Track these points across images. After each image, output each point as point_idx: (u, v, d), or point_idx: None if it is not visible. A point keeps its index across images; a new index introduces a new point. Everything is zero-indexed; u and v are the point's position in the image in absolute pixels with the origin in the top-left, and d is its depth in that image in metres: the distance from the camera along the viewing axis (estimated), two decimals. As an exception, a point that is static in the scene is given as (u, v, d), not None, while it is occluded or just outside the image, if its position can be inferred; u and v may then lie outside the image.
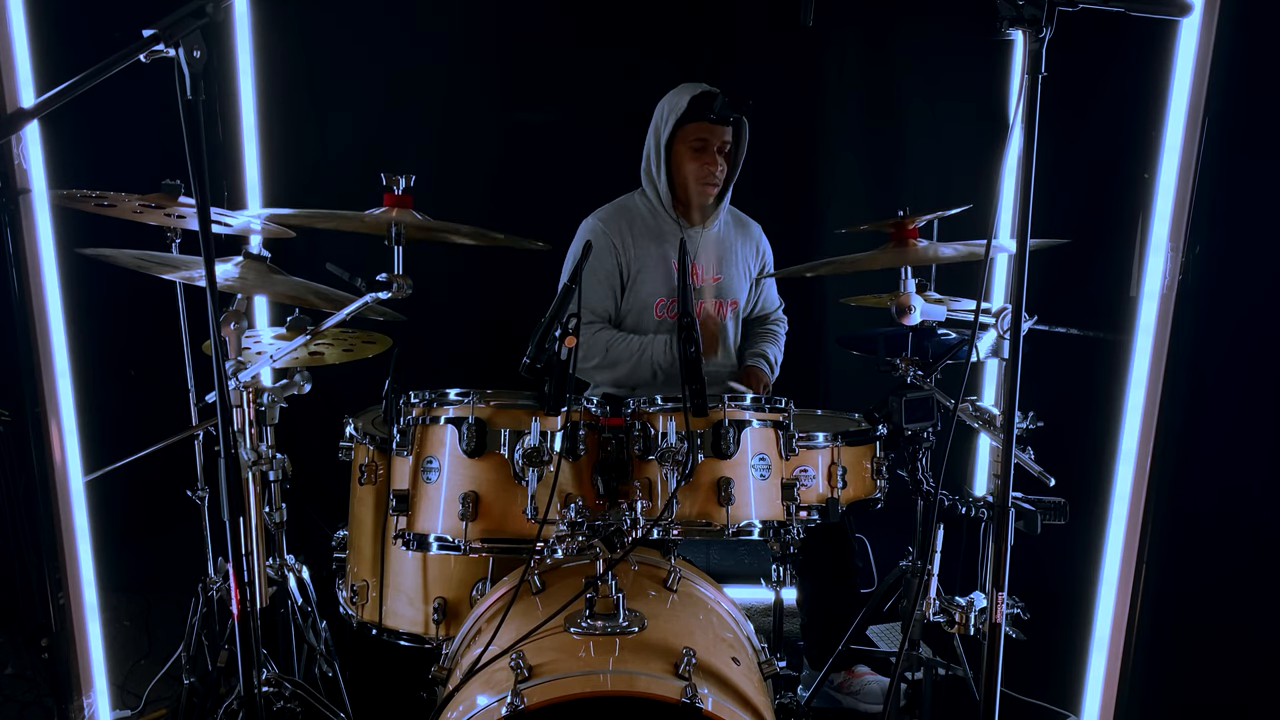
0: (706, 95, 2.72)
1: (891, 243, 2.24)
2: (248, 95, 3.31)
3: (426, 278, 2.04)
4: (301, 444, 2.40)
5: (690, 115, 2.74)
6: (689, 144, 2.77)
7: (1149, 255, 2.20)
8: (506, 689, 1.53)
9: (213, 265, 1.50)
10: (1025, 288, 1.58)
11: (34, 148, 2.13)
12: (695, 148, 2.77)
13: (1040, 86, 1.50)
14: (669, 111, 2.78)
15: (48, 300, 2.18)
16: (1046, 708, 2.59)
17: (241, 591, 1.68)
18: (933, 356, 2.26)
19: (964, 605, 2.11)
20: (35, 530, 2.27)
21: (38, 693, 2.64)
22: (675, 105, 2.76)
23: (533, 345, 1.86)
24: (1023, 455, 2.03)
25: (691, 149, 2.78)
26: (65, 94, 1.33)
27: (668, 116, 2.78)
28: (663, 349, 2.77)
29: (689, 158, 2.79)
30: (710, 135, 2.76)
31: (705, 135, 2.76)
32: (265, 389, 2.13)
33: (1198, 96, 2.09)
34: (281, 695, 2.22)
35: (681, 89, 2.78)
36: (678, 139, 2.78)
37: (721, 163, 2.80)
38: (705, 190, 2.82)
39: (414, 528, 2.05)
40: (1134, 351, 2.25)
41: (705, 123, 2.73)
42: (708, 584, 2.04)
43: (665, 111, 2.80)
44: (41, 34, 2.12)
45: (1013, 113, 1.58)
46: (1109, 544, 2.34)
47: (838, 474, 2.20)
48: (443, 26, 3.64)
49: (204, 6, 1.37)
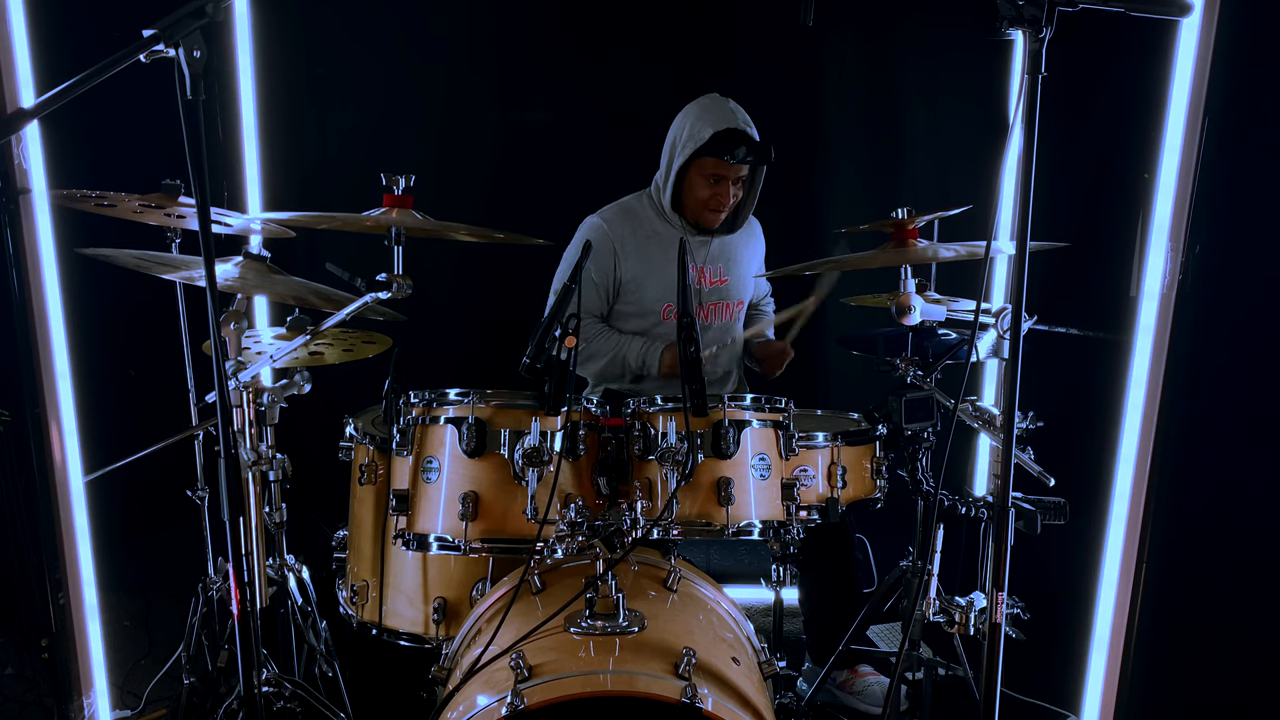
0: (731, 135, 2.66)
1: (891, 243, 2.24)
2: (248, 95, 3.31)
3: (426, 278, 2.03)
4: (301, 444, 2.40)
5: (710, 150, 2.68)
6: (704, 174, 2.75)
7: (1149, 255, 2.19)
8: (506, 689, 1.53)
9: (213, 265, 1.50)
10: (1025, 288, 1.58)
11: (34, 148, 2.13)
12: (710, 180, 2.75)
13: (1040, 86, 1.50)
14: (688, 138, 2.71)
15: (48, 300, 2.18)
16: (1046, 708, 2.59)
17: (241, 591, 1.68)
18: (933, 356, 2.26)
19: (964, 605, 2.11)
20: (35, 530, 2.27)
21: (38, 693, 2.64)
22: (696, 135, 2.69)
23: (532, 345, 1.86)
24: (1023, 455, 2.03)
25: (706, 180, 2.75)
26: (65, 94, 1.33)
27: (685, 143, 2.71)
28: (637, 351, 2.78)
29: (702, 185, 2.76)
30: (727, 171, 2.73)
31: (722, 172, 2.73)
32: (265, 389, 2.13)
33: (1198, 96, 2.08)
34: (281, 695, 2.22)
35: (704, 114, 2.70)
36: (693, 166, 2.74)
37: (735, 193, 2.79)
38: (709, 216, 2.82)
39: (414, 528, 2.05)
40: (1134, 351, 2.25)
41: (724, 160, 2.69)
42: (708, 584, 2.04)
43: (684, 135, 2.73)
44: (41, 34, 2.12)
45: (1013, 113, 1.58)
46: (1109, 544, 2.34)
47: (838, 474, 2.20)
48: (442, 26, 3.64)
49: (204, 6, 1.37)
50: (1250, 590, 2.43)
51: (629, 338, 2.83)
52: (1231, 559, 2.46)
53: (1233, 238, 2.28)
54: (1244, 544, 2.46)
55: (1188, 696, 2.50)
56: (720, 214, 2.82)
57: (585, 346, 2.79)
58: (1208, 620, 2.47)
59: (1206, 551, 2.45)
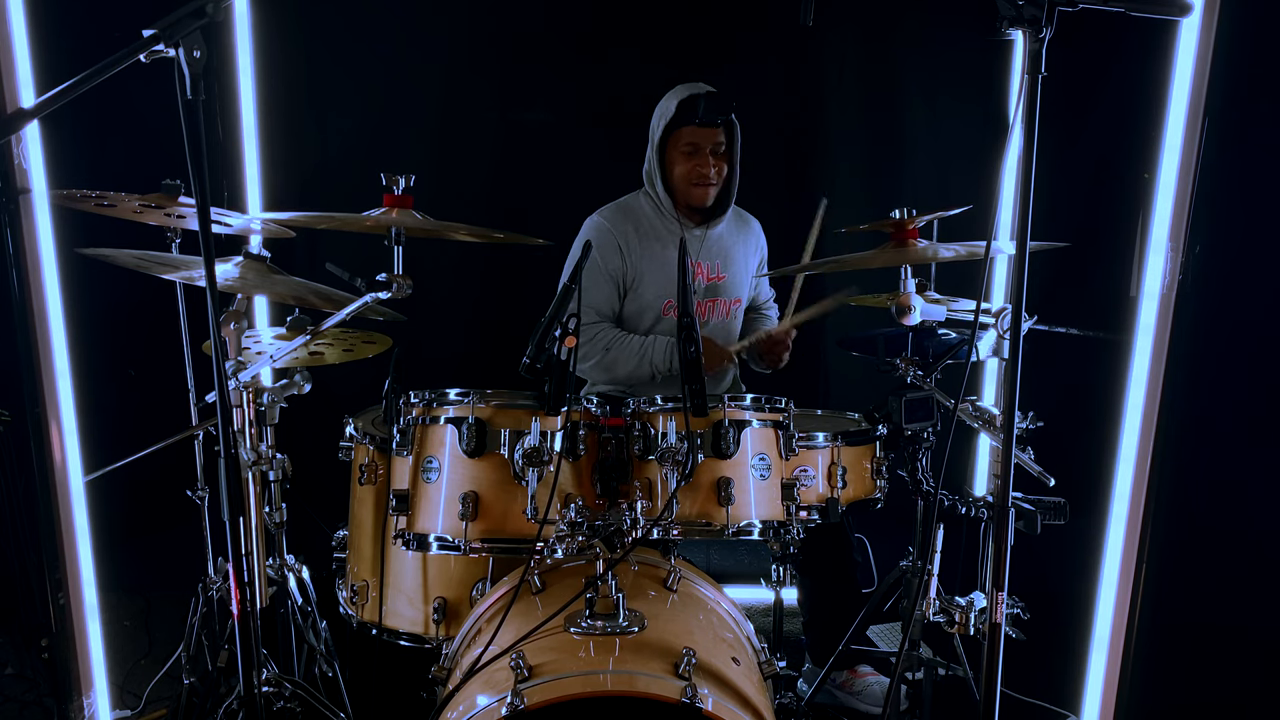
0: (693, 98, 2.73)
1: (891, 243, 2.24)
2: (248, 95, 3.31)
3: (426, 277, 2.04)
4: (301, 444, 2.40)
5: (679, 120, 2.74)
6: (680, 148, 2.78)
7: (1149, 255, 2.19)
8: (506, 689, 1.53)
9: (213, 265, 1.50)
10: (1025, 288, 1.58)
11: (34, 148, 2.13)
12: (686, 151, 2.78)
13: (1040, 86, 1.50)
14: (659, 116, 2.79)
15: (48, 300, 2.18)
16: (1046, 708, 2.59)
17: (241, 591, 1.68)
18: (933, 356, 2.26)
19: (964, 605, 2.11)
20: (35, 530, 2.27)
21: (38, 693, 2.64)
22: (665, 110, 2.77)
23: (532, 345, 1.86)
24: (1023, 455, 2.03)
25: (683, 153, 2.78)
26: (65, 94, 1.33)
27: (658, 121, 2.79)
28: (663, 351, 2.77)
29: (680, 160, 2.79)
30: (700, 139, 2.76)
31: (695, 139, 2.76)
32: (265, 389, 2.13)
33: (1198, 96, 2.08)
34: (281, 695, 2.22)
35: (673, 92, 2.79)
36: (670, 143, 2.79)
37: (715, 163, 2.80)
38: (697, 191, 2.82)
39: (414, 528, 2.05)
40: (1134, 351, 2.25)
41: (694, 126, 2.74)
42: (708, 584, 2.04)
43: (657, 116, 2.81)
44: (41, 34, 2.12)
45: (1013, 113, 1.58)
46: (1109, 544, 2.34)
47: (838, 474, 2.20)
48: (442, 27, 3.64)
49: (204, 6, 1.37)
50: (1250, 590, 2.44)
51: (651, 339, 2.81)
52: (1231, 559, 2.46)
53: (1233, 238, 2.28)
54: (1244, 544, 2.46)
55: (1188, 696, 2.50)
56: (707, 187, 2.82)
57: (604, 355, 2.79)
58: (1208, 620, 2.47)
59: (1206, 551, 2.45)
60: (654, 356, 2.77)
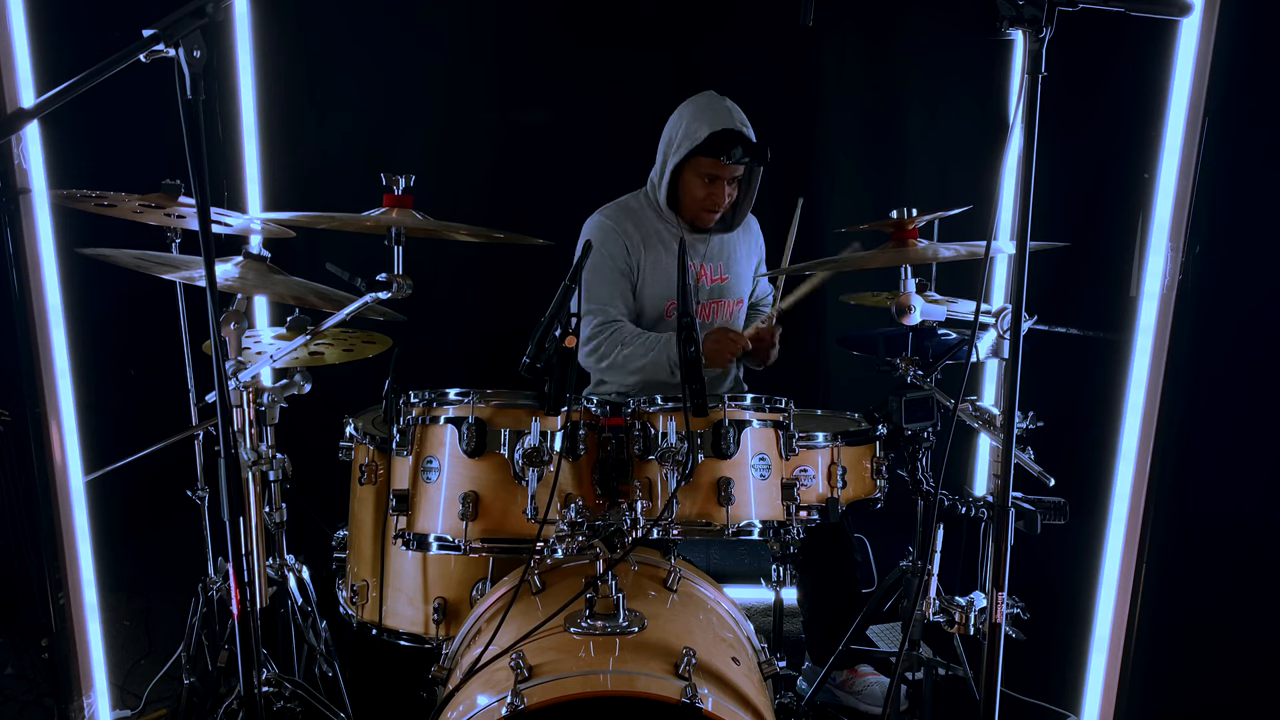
0: (727, 135, 2.65)
1: (891, 243, 2.24)
2: (248, 95, 3.31)
3: (426, 277, 2.04)
4: (301, 444, 2.40)
5: (706, 150, 2.67)
6: (700, 174, 2.74)
7: (1149, 255, 2.20)
8: (506, 689, 1.53)
9: (213, 265, 1.50)
10: (1025, 288, 1.58)
11: (34, 148, 2.13)
12: (706, 179, 2.75)
13: (1040, 86, 1.50)
14: (683, 137, 2.70)
15: (48, 300, 2.18)
16: (1046, 708, 2.59)
17: (241, 591, 1.68)
18: (933, 356, 2.26)
19: (964, 605, 2.11)
20: (35, 530, 2.27)
21: (38, 693, 2.64)
22: (692, 134, 2.68)
23: (532, 345, 1.86)
24: (1023, 455, 2.03)
25: (702, 179, 2.75)
26: (65, 94, 1.33)
27: (681, 142, 2.71)
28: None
29: (698, 185, 2.76)
30: (723, 172, 2.73)
31: (718, 172, 2.72)
32: (265, 389, 2.13)
33: (1198, 96, 2.09)
34: (281, 695, 2.23)
35: (700, 114, 2.69)
36: (689, 165, 2.74)
37: (730, 192, 2.78)
38: (706, 216, 2.82)
39: (414, 527, 2.05)
40: (1134, 351, 2.25)
41: (719, 160, 2.68)
42: (708, 584, 2.04)
43: (680, 134, 2.72)
44: (41, 34, 2.12)
45: (1013, 113, 1.58)
46: (1109, 544, 2.34)
47: (838, 474, 2.20)
48: (442, 27, 3.64)
49: (204, 6, 1.37)
50: (1250, 591, 2.44)
51: (667, 335, 2.75)
52: (1231, 559, 2.46)
53: (1233, 238, 2.28)
54: (1244, 544, 2.46)
55: (1187, 696, 2.50)
56: (715, 214, 2.82)
57: (620, 350, 2.72)
58: (1208, 620, 2.47)
59: (1206, 551, 2.45)
60: (670, 351, 2.73)
